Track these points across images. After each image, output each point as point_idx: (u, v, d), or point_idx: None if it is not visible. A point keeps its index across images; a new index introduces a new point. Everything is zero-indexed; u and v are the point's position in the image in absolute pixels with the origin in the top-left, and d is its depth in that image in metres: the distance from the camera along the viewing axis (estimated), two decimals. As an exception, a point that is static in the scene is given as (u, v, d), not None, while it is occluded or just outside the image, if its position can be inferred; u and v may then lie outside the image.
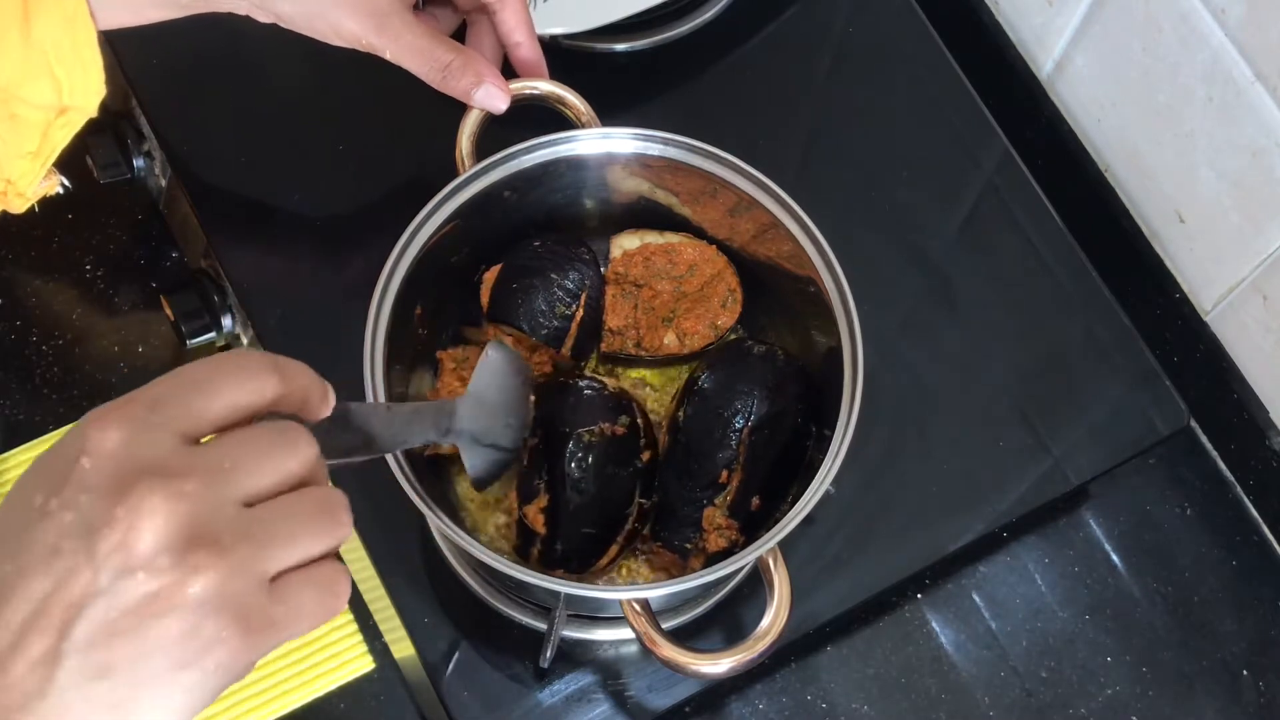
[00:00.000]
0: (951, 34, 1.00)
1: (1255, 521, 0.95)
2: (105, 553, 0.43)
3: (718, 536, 0.75)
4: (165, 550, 0.43)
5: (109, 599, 0.43)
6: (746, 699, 0.86)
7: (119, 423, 0.45)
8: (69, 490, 0.44)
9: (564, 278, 0.79)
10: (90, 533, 0.43)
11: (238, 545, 0.45)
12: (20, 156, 0.71)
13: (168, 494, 0.44)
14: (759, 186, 0.77)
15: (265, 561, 0.45)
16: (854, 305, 0.74)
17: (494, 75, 0.77)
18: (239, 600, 0.44)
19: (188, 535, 0.44)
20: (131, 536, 0.43)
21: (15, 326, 0.98)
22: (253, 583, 0.45)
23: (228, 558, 0.44)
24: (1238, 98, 0.83)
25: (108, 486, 0.44)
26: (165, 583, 0.43)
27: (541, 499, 0.75)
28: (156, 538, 0.43)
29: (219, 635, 0.44)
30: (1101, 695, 0.88)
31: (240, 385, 0.48)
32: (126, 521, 0.43)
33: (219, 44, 0.75)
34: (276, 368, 0.49)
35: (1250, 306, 0.89)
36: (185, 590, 0.43)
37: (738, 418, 0.76)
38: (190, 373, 0.47)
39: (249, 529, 0.45)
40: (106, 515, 0.43)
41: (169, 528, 0.43)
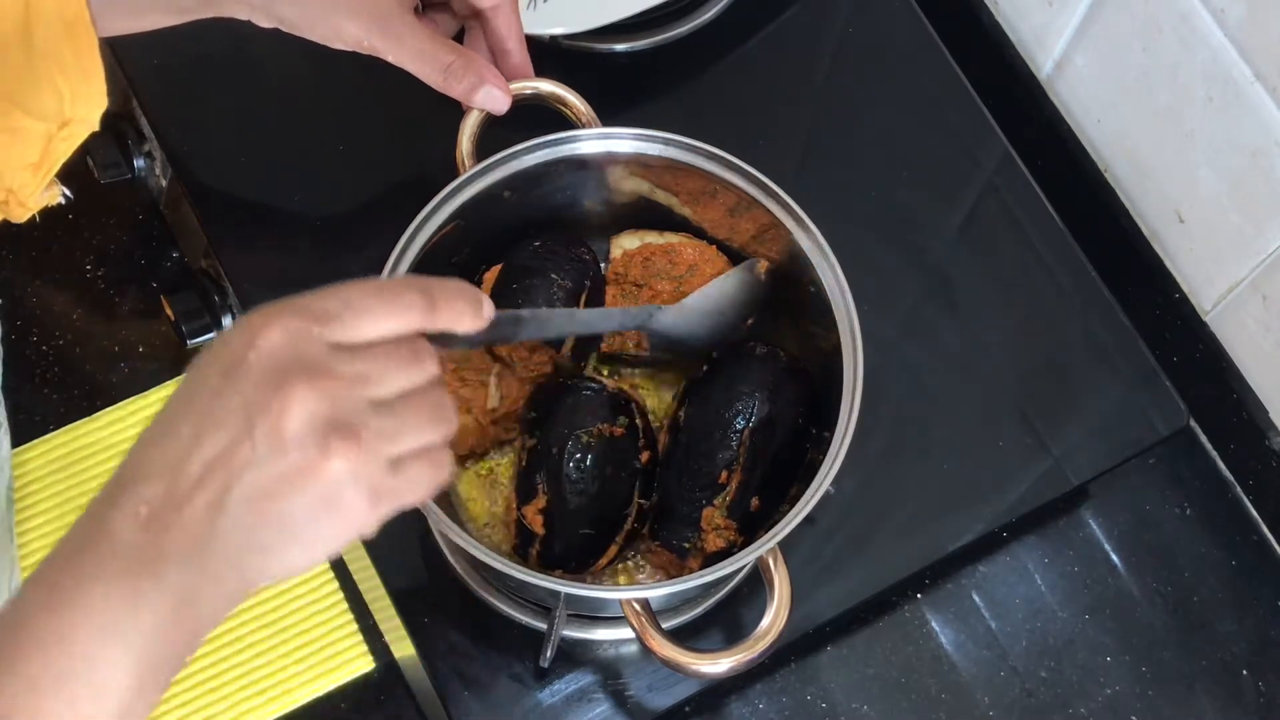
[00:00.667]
0: (951, 34, 1.00)
1: (1255, 521, 0.95)
2: (262, 432, 0.52)
3: (716, 537, 0.76)
4: (310, 434, 0.52)
5: (263, 468, 0.52)
6: (746, 699, 0.86)
7: (285, 328, 0.53)
8: (237, 376, 0.52)
9: (564, 277, 0.80)
10: (251, 414, 0.52)
11: (369, 435, 0.53)
12: (22, 168, 0.71)
13: (316, 390, 0.52)
14: (759, 187, 0.77)
15: (390, 448, 0.54)
16: (854, 305, 0.74)
17: (495, 76, 0.77)
18: (368, 477, 0.53)
19: (329, 423, 0.52)
20: (283, 421, 0.52)
21: (15, 326, 0.98)
22: (380, 464, 0.54)
23: (361, 444, 0.53)
24: (1238, 98, 0.83)
25: (268, 379, 0.52)
26: (309, 460, 0.52)
27: (540, 499, 0.75)
28: (303, 424, 0.52)
29: (351, 503, 0.53)
30: (1101, 695, 0.88)
31: (395, 315, 0.56)
32: (280, 408, 0.52)
33: (220, 44, 0.75)
34: (431, 302, 0.57)
35: (1250, 306, 0.89)
36: (325, 467, 0.52)
37: (738, 418, 0.76)
38: (354, 296, 0.56)
39: (380, 423, 0.54)
40: (265, 402, 0.52)
41: (315, 417, 0.52)
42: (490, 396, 0.80)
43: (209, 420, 0.52)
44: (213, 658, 0.92)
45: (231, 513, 0.52)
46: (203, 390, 0.53)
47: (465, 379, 0.80)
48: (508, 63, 0.79)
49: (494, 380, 0.80)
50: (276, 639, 0.93)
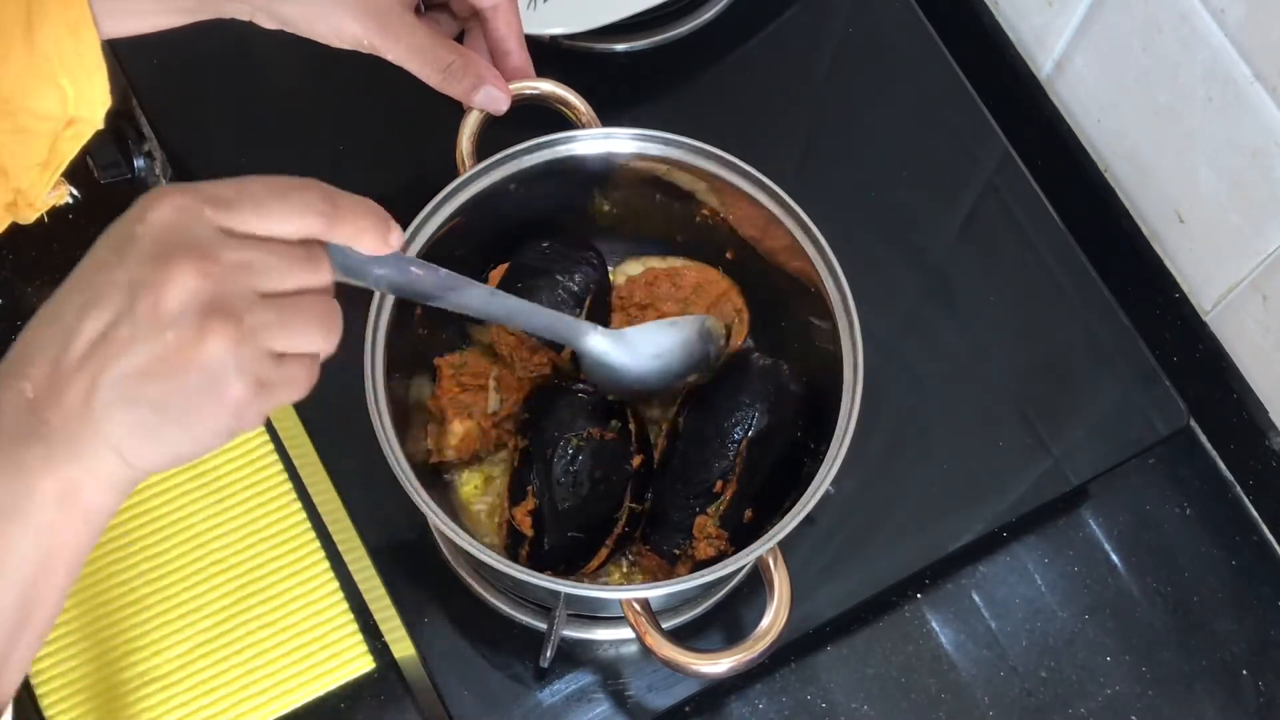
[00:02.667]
0: (951, 34, 1.00)
1: (1255, 521, 0.95)
2: (142, 310, 0.51)
3: (707, 545, 0.75)
4: (190, 313, 0.51)
5: (141, 347, 0.51)
6: (746, 699, 0.86)
7: (176, 206, 0.53)
8: (126, 250, 0.52)
9: (569, 279, 0.79)
10: (133, 290, 0.52)
11: (251, 321, 0.53)
12: (29, 168, 0.71)
13: (199, 270, 0.52)
14: (758, 186, 0.77)
15: (271, 340, 0.54)
16: (854, 305, 0.74)
17: (495, 76, 0.77)
18: (248, 364, 0.53)
19: (210, 306, 0.52)
20: (163, 298, 0.51)
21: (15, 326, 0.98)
22: (260, 353, 0.53)
23: (241, 328, 0.52)
24: (1238, 98, 0.83)
25: (153, 254, 0.52)
26: (186, 339, 0.51)
27: (529, 501, 0.75)
28: (182, 302, 0.51)
29: (229, 390, 0.52)
30: (1101, 695, 0.88)
31: (294, 215, 0.55)
32: (160, 286, 0.51)
33: (220, 44, 0.75)
34: (331, 209, 0.56)
35: (1250, 306, 0.89)
36: (202, 348, 0.52)
37: (737, 429, 0.76)
38: (251, 187, 0.55)
39: (264, 314, 0.53)
40: (147, 278, 0.51)
41: (195, 297, 0.51)
42: (490, 400, 0.80)
43: (94, 297, 0.52)
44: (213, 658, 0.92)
45: (108, 393, 0.52)
46: (92, 265, 0.53)
47: (464, 384, 0.80)
48: (508, 63, 0.79)
49: (493, 383, 0.80)
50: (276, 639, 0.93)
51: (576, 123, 0.80)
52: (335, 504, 0.84)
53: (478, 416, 0.80)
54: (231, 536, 0.98)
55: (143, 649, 0.94)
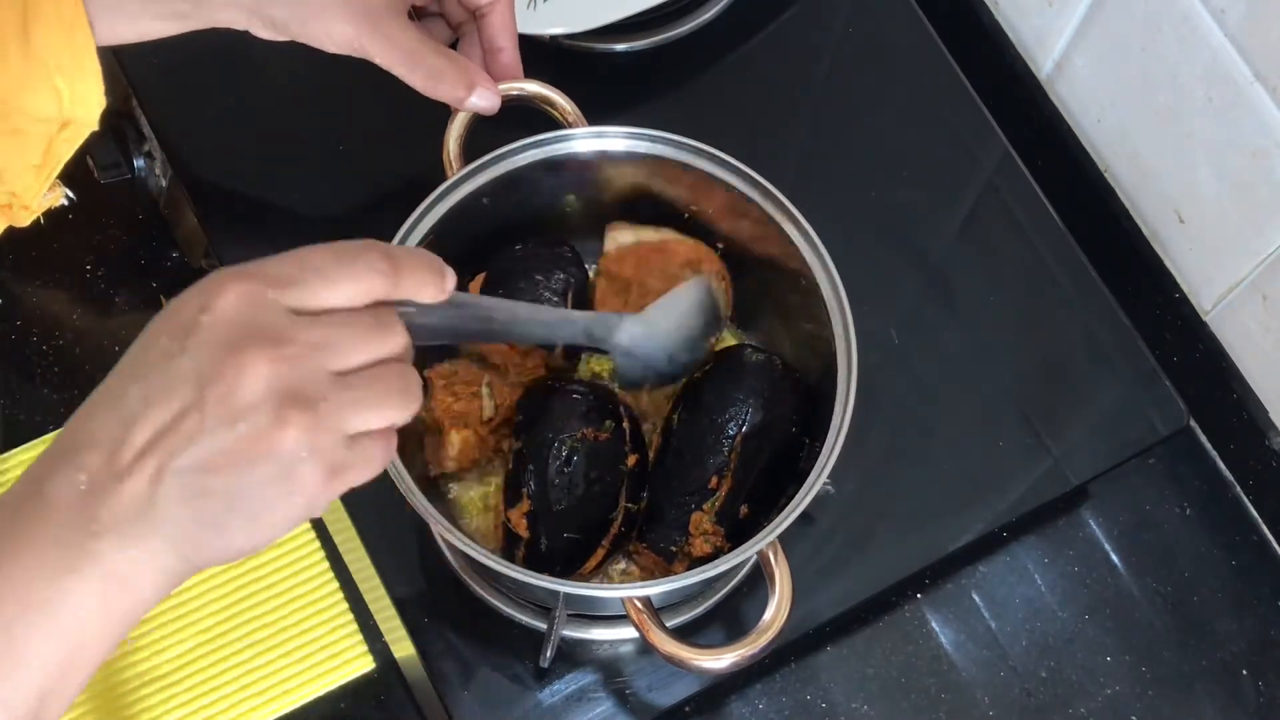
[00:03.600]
0: (951, 34, 1.00)
1: (1255, 521, 0.95)
2: (212, 401, 0.50)
3: (703, 542, 0.75)
4: (264, 404, 0.50)
5: (212, 439, 0.50)
6: (746, 699, 0.86)
7: (241, 291, 0.52)
8: (190, 341, 0.51)
9: (549, 279, 0.79)
10: (202, 382, 0.50)
11: (327, 407, 0.51)
12: (24, 170, 0.71)
13: (272, 358, 0.50)
14: (751, 184, 0.77)
15: (348, 423, 0.52)
16: (846, 296, 0.74)
17: (484, 79, 0.77)
18: (324, 452, 0.51)
19: (285, 394, 0.50)
20: (236, 390, 0.50)
21: (15, 326, 0.98)
22: (337, 438, 0.52)
23: (318, 416, 0.51)
24: (1237, 98, 0.83)
25: (222, 344, 0.50)
26: (261, 431, 0.50)
27: (524, 503, 0.75)
28: (256, 394, 0.50)
29: (304, 479, 0.51)
30: (1101, 695, 0.88)
31: (356, 281, 0.54)
32: (233, 377, 0.50)
33: (219, 44, 0.75)
34: (393, 268, 0.55)
35: (1250, 306, 0.89)
36: (279, 438, 0.50)
37: (731, 424, 0.76)
38: (313, 260, 0.53)
39: (339, 395, 0.52)
40: (217, 369, 0.50)
41: (269, 386, 0.50)
42: (484, 407, 0.80)
43: (158, 386, 0.51)
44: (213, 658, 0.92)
45: (173, 485, 0.50)
46: (152, 354, 0.52)
47: (457, 393, 0.80)
48: (498, 61, 0.79)
49: (486, 390, 0.80)
50: (276, 639, 0.93)
51: (564, 123, 0.80)
52: (336, 505, 0.84)
53: (474, 425, 0.80)
54: (231, 536, 0.98)
55: (142, 649, 0.94)
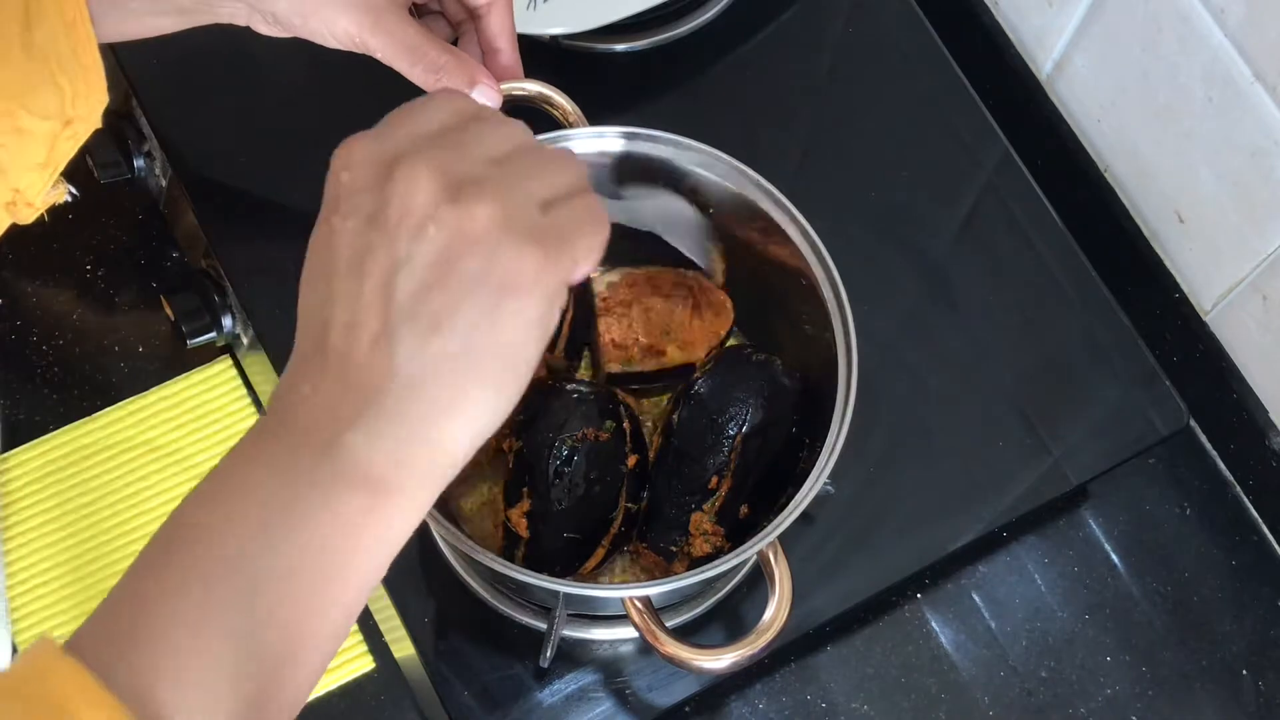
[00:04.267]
0: (951, 34, 1.00)
1: (1255, 521, 0.95)
2: (394, 225, 0.48)
3: (703, 542, 0.76)
4: (441, 201, 0.48)
5: (413, 261, 0.47)
6: (746, 698, 0.86)
7: (359, 138, 0.50)
8: (344, 204, 0.49)
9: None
10: (375, 220, 0.48)
11: (500, 178, 0.49)
12: (28, 168, 0.71)
13: (424, 159, 0.48)
14: (749, 182, 0.77)
15: (530, 185, 0.50)
16: (846, 295, 0.74)
17: (486, 76, 0.77)
18: (521, 218, 0.48)
19: (455, 183, 0.48)
20: (409, 202, 0.48)
21: (15, 326, 0.98)
22: (528, 203, 0.49)
23: (496, 188, 0.48)
24: (1237, 98, 0.83)
25: (373, 179, 0.49)
26: (452, 225, 0.47)
27: (524, 503, 0.75)
28: (430, 194, 0.48)
29: (518, 254, 0.48)
30: (1101, 695, 0.88)
31: (451, 95, 0.53)
32: (401, 192, 0.48)
33: (220, 44, 0.75)
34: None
35: (1250, 306, 0.89)
36: (472, 224, 0.47)
37: (731, 424, 0.76)
38: (404, 111, 0.52)
39: (507, 167, 0.50)
40: (382, 199, 0.48)
41: (437, 183, 0.48)
42: None
43: (341, 261, 0.48)
44: (213, 658, 0.92)
45: (402, 332, 0.47)
46: (323, 246, 0.49)
47: None
48: (497, 61, 0.79)
49: None
50: (276, 639, 0.93)
51: (564, 123, 0.80)
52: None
53: None
54: (231, 536, 0.98)
55: (143, 649, 0.94)
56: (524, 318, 0.49)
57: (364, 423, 0.47)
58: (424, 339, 0.47)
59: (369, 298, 0.47)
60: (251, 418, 0.98)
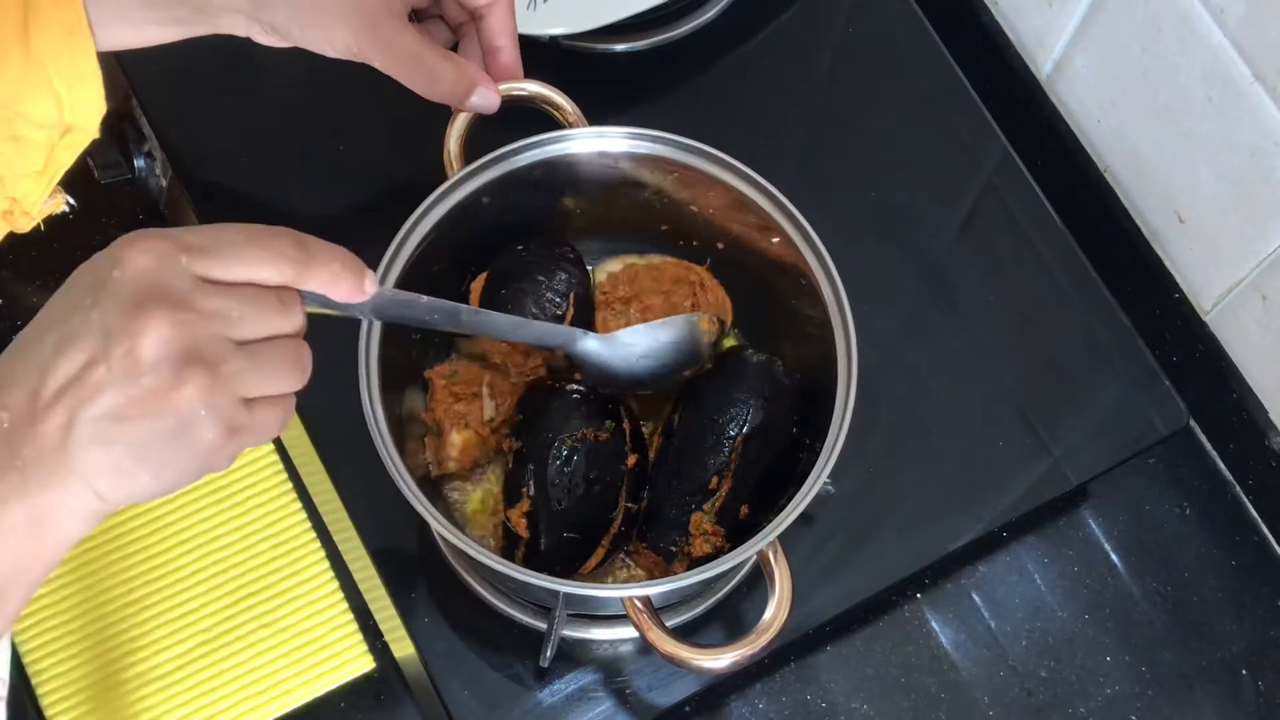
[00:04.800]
0: (951, 34, 1.00)
1: (1255, 521, 0.95)
2: (118, 355, 0.53)
3: (703, 542, 0.76)
4: (165, 362, 0.53)
5: (117, 391, 0.53)
6: (746, 698, 0.86)
7: (153, 252, 0.54)
8: (101, 295, 0.54)
9: (552, 279, 0.79)
10: (109, 336, 0.53)
11: (225, 370, 0.55)
12: (25, 176, 0.71)
13: (175, 320, 0.53)
14: (749, 182, 0.77)
15: (244, 387, 0.56)
16: (845, 294, 0.74)
17: (485, 80, 0.77)
18: (221, 410, 0.55)
19: (185, 355, 0.53)
20: (138, 345, 0.53)
21: (16, 327, 0.98)
22: (234, 399, 0.55)
23: (216, 377, 0.54)
24: (1237, 98, 0.83)
25: (129, 301, 0.53)
26: (162, 386, 0.53)
27: (524, 503, 0.75)
28: (159, 352, 0.53)
29: (202, 435, 0.54)
30: (1101, 695, 0.88)
31: (267, 262, 0.56)
32: (137, 333, 0.53)
33: (220, 45, 0.75)
34: (305, 256, 0.57)
35: (1250, 306, 0.89)
36: (177, 395, 0.53)
37: (732, 425, 0.76)
38: (228, 235, 0.56)
39: (236, 361, 0.55)
40: (123, 325, 0.53)
41: (171, 345, 0.53)
42: (485, 407, 0.80)
43: (70, 337, 0.53)
44: (213, 657, 0.92)
45: (83, 432, 0.53)
46: (68, 304, 0.54)
47: (458, 394, 0.80)
48: (497, 61, 0.79)
49: (486, 391, 0.80)
50: (276, 639, 0.93)
51: (564, 123, 0.80)
52: (337, 506, 0.84)
53: (475, 425, 0.80)
54: (232, 536, 0.98)
55: (143, 649, 0.94)
56: (189, 470, 0.56)
57: (38, 469, 0.54)
58: (97, 447, 0.53)
59: (75, 389, 0.53)
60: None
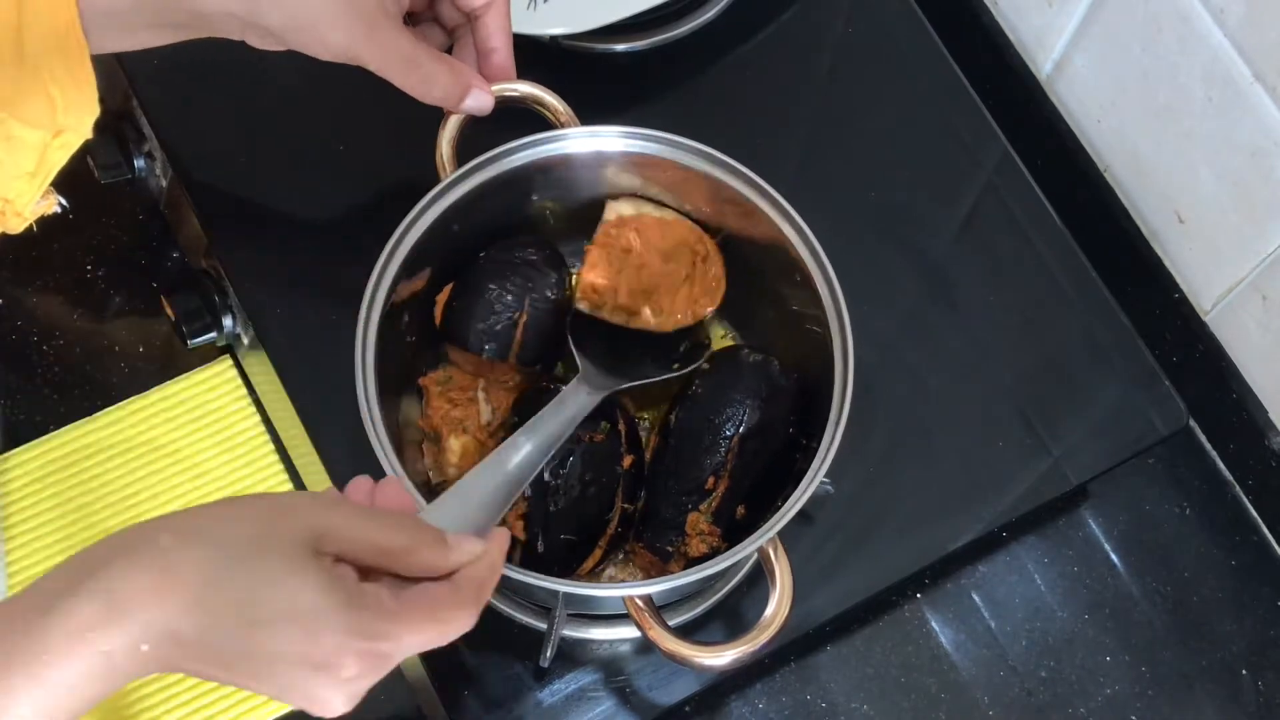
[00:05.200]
0: (951, 34, 1.00)
1: (1255, 521, 0.95)
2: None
3: (700, 542, 0.76)
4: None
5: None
6: (746, 698, 0.86)
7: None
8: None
9: (502, 287, 0.79)
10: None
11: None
12: (17, 177, 0.71)
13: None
14: (748, 183, 0.77)
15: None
16: (841, 291, 0.74)
17: (480, 83, 0.77)
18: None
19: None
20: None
21: (15, 326, 0.98)
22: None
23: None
24: (1237, 98, 0.83)
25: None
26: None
27: (520, 505, 0.75)
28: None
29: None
30: (1101, 695, 0.88)
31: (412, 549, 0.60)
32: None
33: (219, 45, 0.75)
34: (429, 537, 0.60)
35: (1249, 306, 0.89)
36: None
37: (728, 425, 0.76)
38: (402, 572, 0.59)
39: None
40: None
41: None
42: (482, 411, 0.80)
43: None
44: (213, 658, 0.92)
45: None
46: (234, 609, 0.54)
47: (453, 399, 0.80)
48: (491, 62, 0.79)
49: (482, 395, 0.80)
50: (276, 639, 0.93)
51: (556, 124, 0.80)
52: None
53: (473, 430, 0.80)
54: (231, 536, 0.98)
55: (143, 649, 0.94)
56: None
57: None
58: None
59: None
60: (251, 417, 0.98)
